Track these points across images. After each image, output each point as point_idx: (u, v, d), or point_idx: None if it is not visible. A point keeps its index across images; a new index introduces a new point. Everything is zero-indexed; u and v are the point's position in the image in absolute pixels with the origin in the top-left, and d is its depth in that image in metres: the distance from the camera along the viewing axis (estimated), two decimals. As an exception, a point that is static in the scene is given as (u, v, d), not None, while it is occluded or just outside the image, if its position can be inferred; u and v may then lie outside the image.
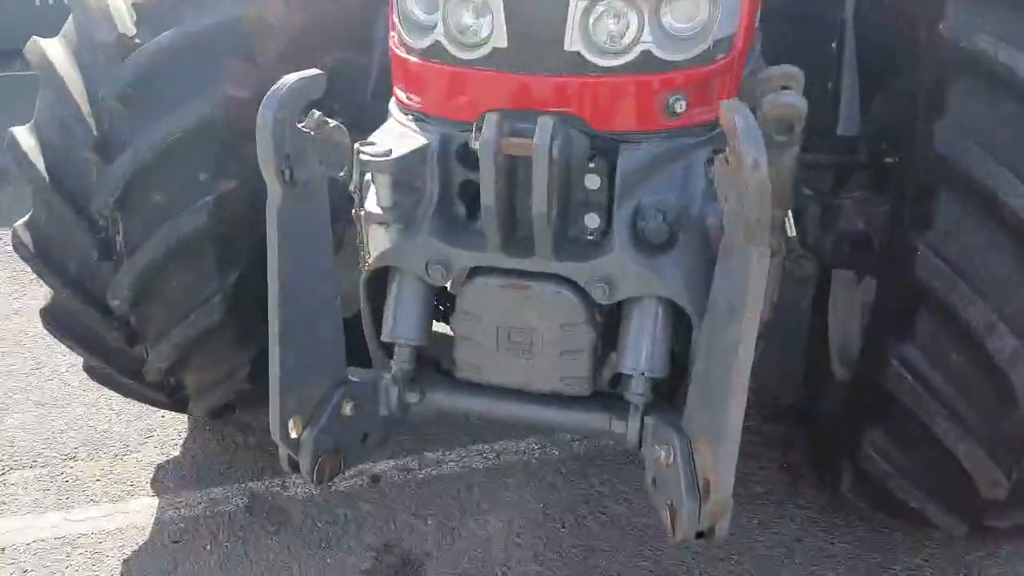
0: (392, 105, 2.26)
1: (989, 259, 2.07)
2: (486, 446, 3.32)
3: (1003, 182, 2.00)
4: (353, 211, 2.12)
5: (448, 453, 3.29)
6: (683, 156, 2.02)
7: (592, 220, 2.00)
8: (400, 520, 2.97)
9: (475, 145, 1.91)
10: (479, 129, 1.91)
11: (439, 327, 2.31)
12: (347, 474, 2.60)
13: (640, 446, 2.09)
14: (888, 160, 2.63)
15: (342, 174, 2.05)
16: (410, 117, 2.15)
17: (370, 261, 2.16)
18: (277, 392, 1.98)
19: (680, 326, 2.08)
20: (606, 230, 2.01)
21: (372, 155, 1.98)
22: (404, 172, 2.02)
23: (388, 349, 2.26)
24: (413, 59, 2.12)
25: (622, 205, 1.98)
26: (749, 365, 1.72)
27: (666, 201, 1.98)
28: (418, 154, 2.04)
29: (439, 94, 2.10)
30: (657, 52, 1.93)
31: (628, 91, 1.97)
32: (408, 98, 2.17)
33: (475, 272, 2.10)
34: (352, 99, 2.67)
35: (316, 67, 1.92)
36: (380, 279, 2.21)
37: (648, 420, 2.07)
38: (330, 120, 1.96)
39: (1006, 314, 2.04)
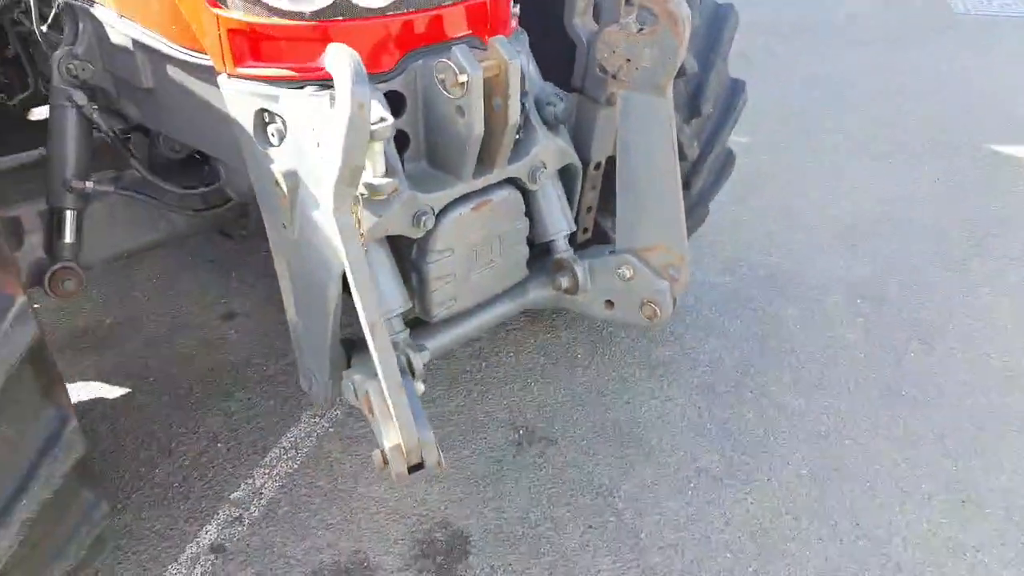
0: (250, 88, 1.99)
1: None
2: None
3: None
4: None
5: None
6: (526, 52, 2.43)
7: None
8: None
9: (462, 77, 1.98)
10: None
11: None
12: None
13: (584, 286, 2.58)
14: None
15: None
16: (314, 89, 1.99)
17: (365, 236, 2.01)
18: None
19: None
20: (522, 125, 2.33)
21: (377, 122, 1.87)
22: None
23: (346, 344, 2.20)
24: (307, 23, 1.95)
25: (531, 99, 2.32)
26: (679, 177, 2.41)
27: (542, 89, 2.39)
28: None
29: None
30: None
31: (500, 5, 2.26)
32: (297, 71, 1.99)
33: (443, 211, 2.18)
34: None
35: None
36: None
37: (582, 264, 2.56)
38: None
39: None
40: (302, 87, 1.97)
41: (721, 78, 3.26)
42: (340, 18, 1.96)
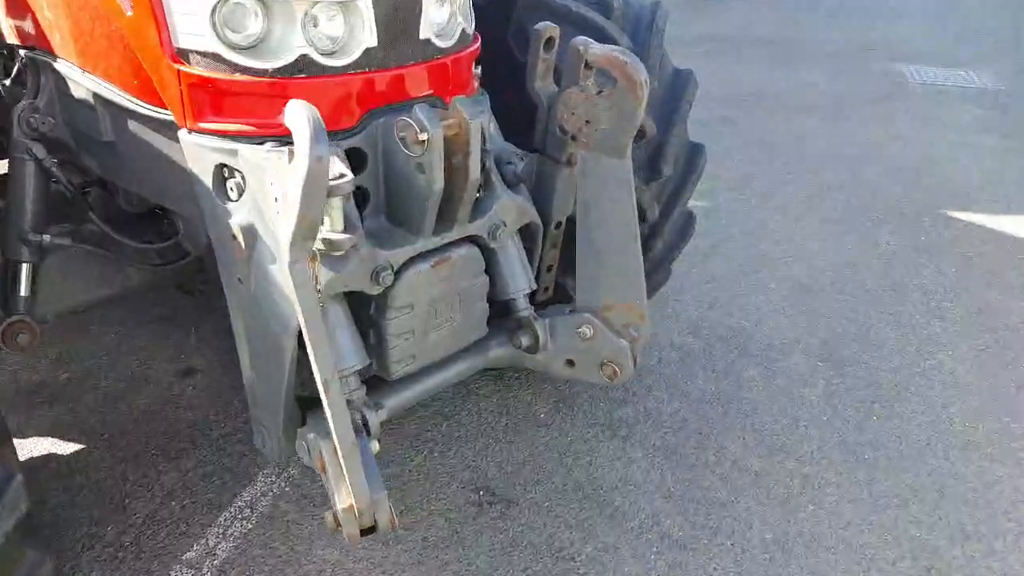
0: (209, 142, 2.00)
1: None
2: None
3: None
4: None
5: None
6: (488, 111, 2.47)
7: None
8: None
9: (422, 135, 2.00)
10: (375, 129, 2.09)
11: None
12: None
13: (544, 345, 2.58)
14: None
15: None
16: (272, 144, 2.00)
17: (322, 294, 2.01)
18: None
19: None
20: (483, 184, 2.35)
21: (336, 178, 1.89)
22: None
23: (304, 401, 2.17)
24: (263, 80, 1.97)
25: (491, 158, 2.35)
26: (639, 237, 2.44)
27: (505, 144, 2.43)
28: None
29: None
30: (468, 28, 2.32)
31: (460, 66, 2.30)
32: (256, 126, 2.00)
33: (403, 266, 2.19)
34: None
35: None
36: None
37: (543, 322, 2.56)
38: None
39: None
40: (262, 142, 1.98)
41: (681, 140, 3.33)
42: (302, 75, 1.98)
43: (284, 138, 1.99)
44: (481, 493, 3.14)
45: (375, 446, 2.08)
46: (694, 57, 8.05)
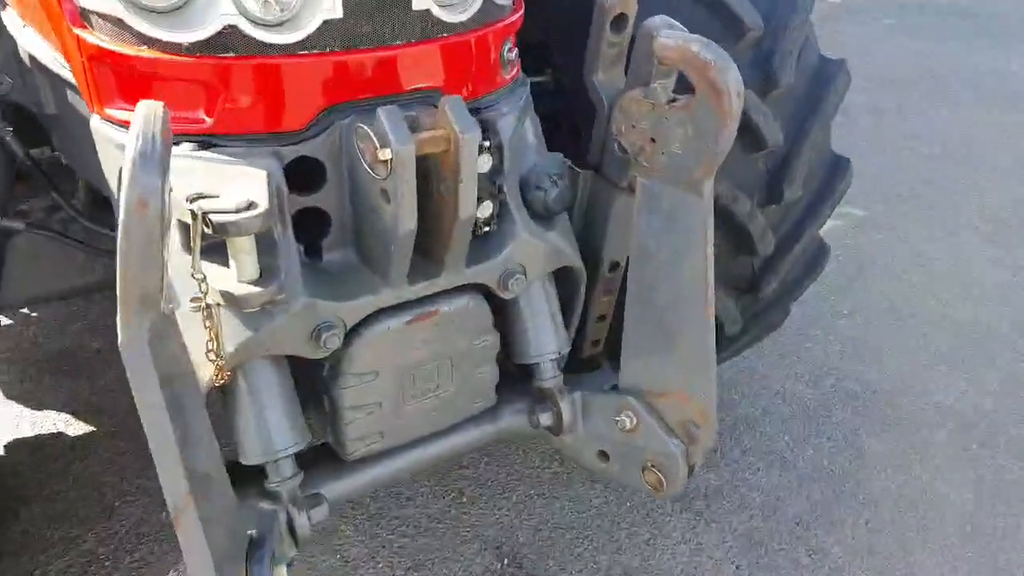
0: (115, 134, 1.49)
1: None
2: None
3: None
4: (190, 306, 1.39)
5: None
6: (525, 112, 1.83)
7: (485, 209, 1.69)
8: None
9: (383, 153, 1.42)
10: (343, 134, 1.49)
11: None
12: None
13: (571, 427, 1.95)
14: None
15: None
16: (192, 147, 1.47)
17: (227, 362, 1.47)
18: None
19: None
20: (497, 215, 1.72)
21: (231, 213, 1.32)
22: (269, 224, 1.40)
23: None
24: (183, 59, 1.42)
25: (510, 181, 1.72)
26: (713, 304, 1.75)
27: (539, 164, 1.78)
28: (270, 195, 1.43)
29: (248, 100, 1.46)
30: None
31: (480, 48, 1.67)
32: (173, 119, 1.46)
33: (364, 322, 1.61)
34: None
35: None
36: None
37: (573, 397, 1.93)
38: None
39: (737, 182, 2.39)
40: (177, 143, 1.45)
41: (818, 153, 2.54)
42: (228, 55, 1.42)
43: (210, 138, 1.46)
44: (506, 562, 2.58)
45: (281, 573, 1.55)
46: (876, 30, 6.83)
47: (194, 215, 1.29)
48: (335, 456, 1.77)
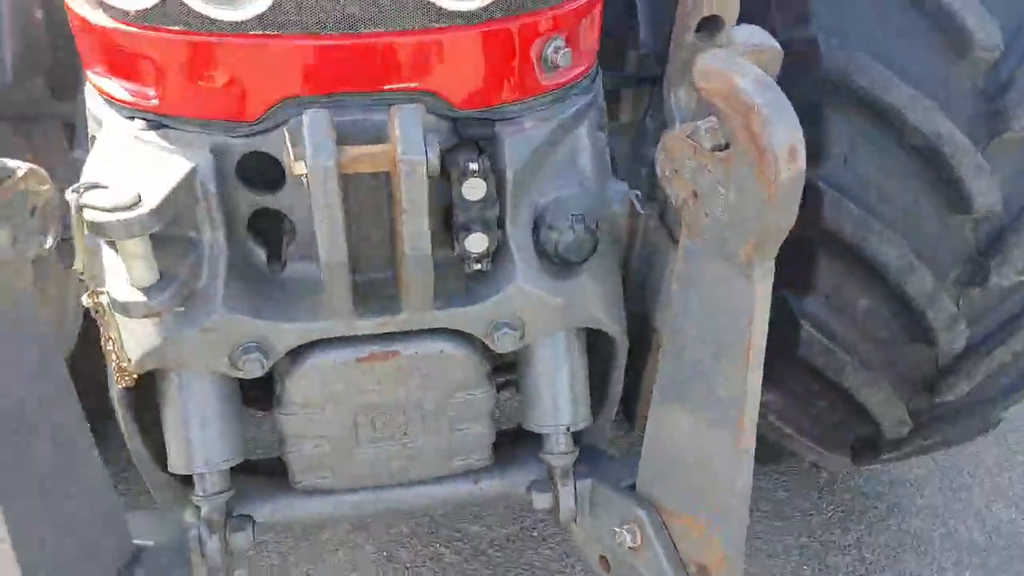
0: (95, 104, 1.39)
1: (891, 187, 1.78)
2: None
3: (902, 95, 1.67)
4: (84, 300, 1.26)
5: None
6: (573, 128, 1.45)
7: (476, 242, 1.37)
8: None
9: (297, 167, 1.17)
10: (284, 131, 1.26)
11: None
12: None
13: (576, 518, 1.59)
14: None
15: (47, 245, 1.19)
16: (142, 124, 1.31)
17: (130, 366, 1.34)
18: None
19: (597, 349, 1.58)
20: (495, 251, 1.39)
21: (111, 208, 1.14)
22: (170, 224, 1.22)
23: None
24: (131, 28, 1.26)
25: (518, 212, 1.37)
26: (751, 429, 1.27)
27: (573, 197, 1.40)
28: (185, 187, 1.25)
29: (192, 82, 1.28)
30: None
31: (499, 44, 1.32)
32: (128, 92, 1.32)
33: (306, 350, 1.39)
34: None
35: None
36: (145, 384, 1.41)
37: (581, 484, 1.57)
38: (15, 165, 1.09)
39: (920, 250, 1.79)
40: (132, 118, 1.32)
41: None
42: (172, 28, 1.24)
43: (160, 118, 1.31)
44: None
45: None
46: None
47: (76, 206, 1.15)
48: (285, 482, 1.59)
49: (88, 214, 1.14)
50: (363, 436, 1.51)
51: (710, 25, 1.38)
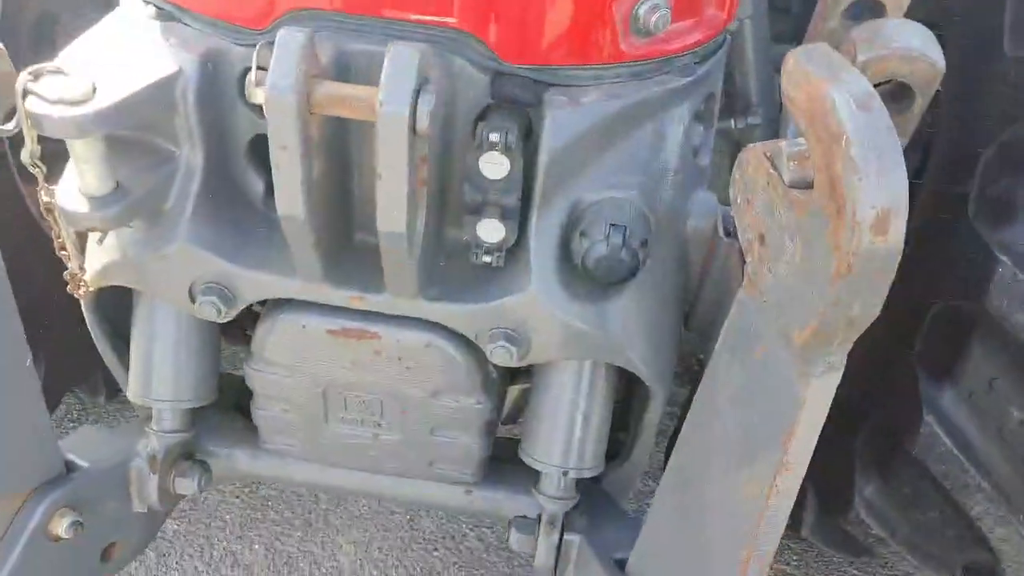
0: None
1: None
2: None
3: None
4: (39, 199, 1.14)
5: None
6: (656, 114, 1.14)
7: (490, 230, 1.13)
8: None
9: (255, 93, 0.97)
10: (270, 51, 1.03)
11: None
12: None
13: (555, 572, 1.35)
14: None
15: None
16: (152, 12, 1.19)
17: (87, 276, 1.21)
18: None
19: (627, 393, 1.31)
20: (514, 247, 1.13)
21: (54, 100, 0.99)
22: (143, 130, 1.06)
23: None
24: None
25: (549, 206, 1.10)
26: (780, 531, 0.96)
27: (627, 202, 1.10)
28: (161, 91, 1.07)
29: None
30: None
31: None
32: None
33: (281, 305, 1.21)
34: None
35: None
36: (118, 294, 1.29)
37: (569, 538, 1.32)
38: None
39: None
40: (147, 3, 1.19)
41: None
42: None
43: (174, 9, 1.18)
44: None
45: None
46: None
47: (23, 91, 1.00)
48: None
49: (29, 103, 0.98)
50: (332, 414, 1.36)
51: (857, 9, 1.02)
